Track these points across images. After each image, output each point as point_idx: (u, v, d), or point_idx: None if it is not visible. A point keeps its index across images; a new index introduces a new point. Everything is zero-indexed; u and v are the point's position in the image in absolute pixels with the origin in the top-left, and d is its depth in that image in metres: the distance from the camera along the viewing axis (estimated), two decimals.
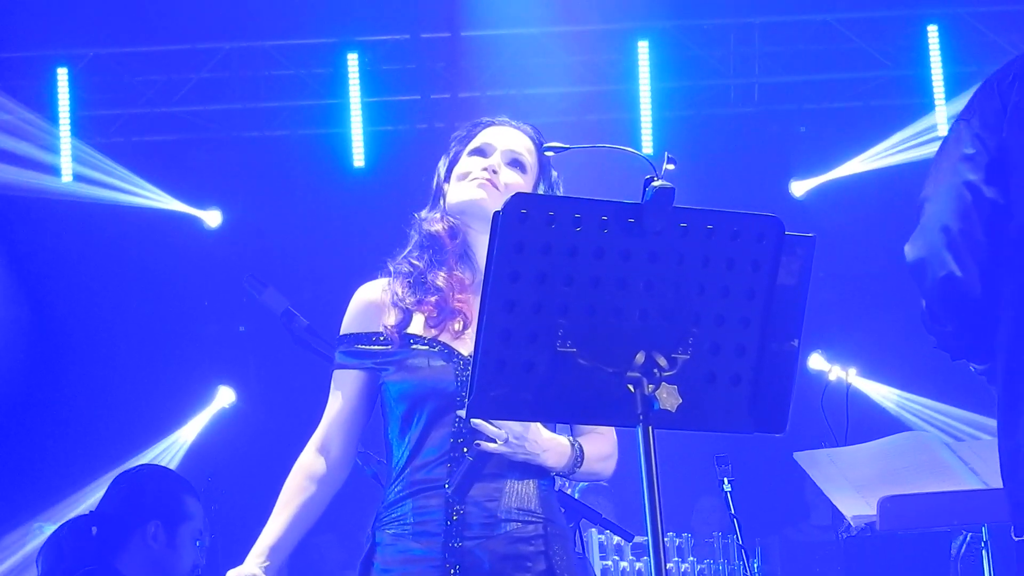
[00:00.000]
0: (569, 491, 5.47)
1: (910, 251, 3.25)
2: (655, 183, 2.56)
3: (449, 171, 3.52)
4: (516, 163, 3.46)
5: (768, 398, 2.67)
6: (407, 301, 3.37)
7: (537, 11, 8.39)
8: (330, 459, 3.40)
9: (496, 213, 2.54)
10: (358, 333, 3.40)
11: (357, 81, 8.52)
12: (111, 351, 8.56)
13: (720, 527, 6.34)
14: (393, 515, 3.29)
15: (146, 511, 4.76)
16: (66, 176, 8.44)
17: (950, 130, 3.31)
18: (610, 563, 6.12)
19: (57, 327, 8.53)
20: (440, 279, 3.37)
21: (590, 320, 2.57)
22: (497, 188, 3.39)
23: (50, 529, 5.63)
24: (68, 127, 8.42)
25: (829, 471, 4.57)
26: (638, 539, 5.52)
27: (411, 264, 3.43)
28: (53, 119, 8.39)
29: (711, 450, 5.05)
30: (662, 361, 2.58)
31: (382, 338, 3.36)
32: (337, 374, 3.43)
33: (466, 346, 3.32)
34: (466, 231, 3.44)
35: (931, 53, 8.51)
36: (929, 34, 8.51)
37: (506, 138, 3.48)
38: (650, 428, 2.57)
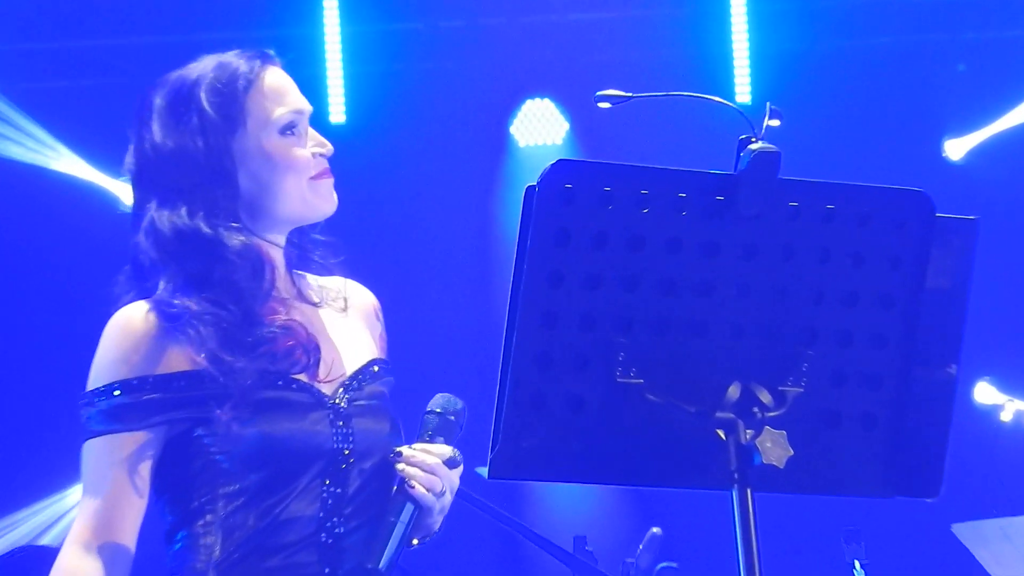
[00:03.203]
0: None
1: None
2: (754, 145, 2.56)
3: (233, 130, 3.42)
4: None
5: (915, 447, 2.67)
6: (237, 332, 3.25)
7: None
8: (108, 558, 3.25)
9: (529, 189, 2.52)
10: (155, 376, 3.27)
11: (335, 4, 8.51)
12: None
13: None
14: None
15: None
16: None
17: None
18: None
19: (65, 331, 8.79)
20: (274, 301, 3.33)
21: (662, 339, 2.57)
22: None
23: None
24: None
25: (1002, 550, 4.56)
26: None
27: (225, 284, 3.31)
28: None
29: (836, 520, 5.05)
30: (765, 397, 2.58)
31: (187, 380, 3.24)
32: (109, 440, 3.30)
33: (326, 385, 3.30)
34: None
35: None
36: None
37: (301, 99, 3.58)
38: (748, 491, 2.56)
